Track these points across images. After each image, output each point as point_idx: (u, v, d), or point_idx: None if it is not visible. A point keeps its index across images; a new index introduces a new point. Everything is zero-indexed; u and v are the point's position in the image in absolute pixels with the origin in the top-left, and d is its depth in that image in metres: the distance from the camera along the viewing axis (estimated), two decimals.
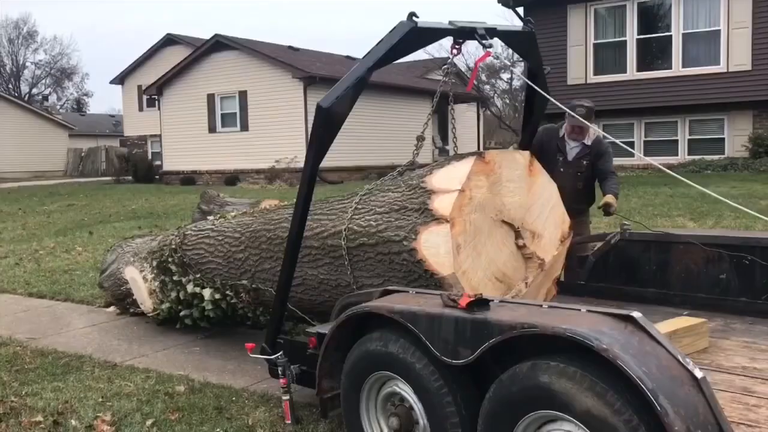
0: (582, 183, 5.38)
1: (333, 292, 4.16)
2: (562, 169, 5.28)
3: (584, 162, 5.35)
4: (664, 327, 3.33)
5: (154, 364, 5.06)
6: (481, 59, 4.11)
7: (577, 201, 5.34)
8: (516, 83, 30.78)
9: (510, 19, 23.69)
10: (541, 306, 2.68)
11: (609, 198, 5.10)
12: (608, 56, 18.21)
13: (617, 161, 5.95)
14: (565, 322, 2.37)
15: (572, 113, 4.95)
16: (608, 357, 2.19)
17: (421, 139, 4.11)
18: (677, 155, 17.45)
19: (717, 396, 2.25)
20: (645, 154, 17.14)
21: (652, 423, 2.14)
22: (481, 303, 2.69)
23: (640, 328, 2.34)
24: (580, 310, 2.52)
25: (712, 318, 3.91)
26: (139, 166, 28.43)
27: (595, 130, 5.38)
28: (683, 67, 17.00)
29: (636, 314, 2.36)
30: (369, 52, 3.58)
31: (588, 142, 5.32)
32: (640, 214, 10.15)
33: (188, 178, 24.76)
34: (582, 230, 5.50)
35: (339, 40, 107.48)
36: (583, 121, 5.04)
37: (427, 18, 3.64)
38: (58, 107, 58.58)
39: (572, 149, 5.37)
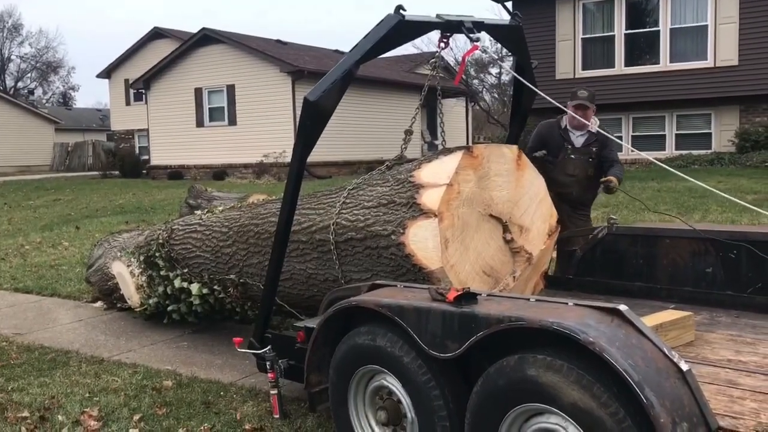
0: (592, 170, 5.32)
1: (321, 286, 4.15)
2: (573, 156, 5.27)
3: (593, 149, 5.30)
4: (650, 320, 3.35)
5: (142, 359, 5.04)
6: (469, 53, 4.11)
7: (587, 189, 5.36)
8: (505, 78, 30.81)
9: (499, 14, 23.74)
10: (528, 300, 2.69)
11: (611, 177, 5.07)
12: (596, 51, 18.25)
13: None
14: (552, 316, 2.38)
15: (563, 107, 4.86)
16: (594, 350, 2.20)
17: (409, 133, 4.11)
18: (665, 150, 17.53)
19: (702, 388, 2.27)
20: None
21: (638, 415, 2.15)
22: (468, 297, 2.69)
23: (626, 322, 2.35)
24: (567, 303, 2.53)
25: (698, 311, 3.93)
26: (126, 161, 28.25)
27: (594, 120, 5.31)
28: (671, 62, 17.06)
29: (622, 307, 2.37)
30: (356, 46, 3.58)
31: (593, 129, 5.25)
32: (628, 209, 10.20)
33: (176, 173, 24.62)
34: (585, 224, 5.44)
35: (327, 34, 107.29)
36: (580, 118, 5.02)
37: (415, 11, 3.63)
38: (44, 101, 58.14)
39: (578, 137, 5.33)
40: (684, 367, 2.23)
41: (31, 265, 8.89)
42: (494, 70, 31.04)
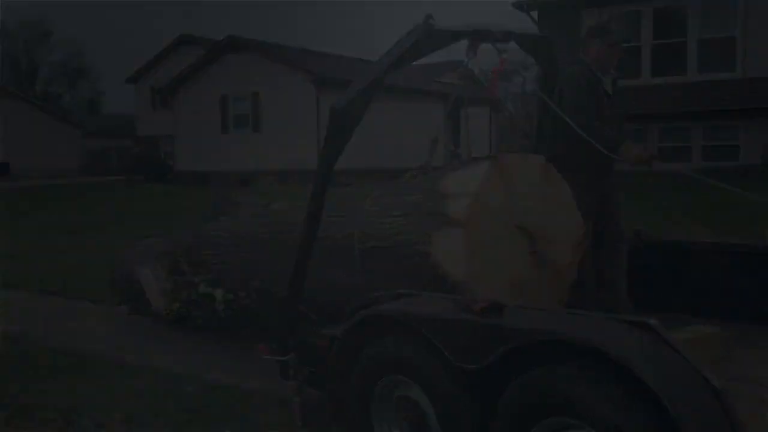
0: (622, 122, 4.50)
1: (345, 294, 4.13)
2: (608, 112, 4.25)
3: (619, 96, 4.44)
4: (680, 335, 3.29)
5: (165, 363, 5.05)
6: (499, 68, 4.04)
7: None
8: (529, 87, 30.65)
9: (523, 23, 23.62)
10: (556, 312, 2.65)
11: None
12: (622, 61, 18.04)
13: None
14: (581, 329, 2.35)
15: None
16: (625, 364, 2.16)
17: (434, 142, 4.10)
18: (691, 162, 17.31)
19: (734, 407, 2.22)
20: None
21: None
22: (495, 308, 2.67)
23: (657, 336, 2.31)
24: (596, 316, 2.50)
25: (729, 326, 3.86)
26: (151, 166, 28.52)
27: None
28: (699, 73, 16.88)
29: (653, 322, 2.33)
30: (385, 55, 3.57)
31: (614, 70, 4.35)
32: (652, 220, 10.07)
33: (200, 179, 24.81)
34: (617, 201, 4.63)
35: (352, 42, 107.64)
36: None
37: (441, 21, 3.62)
38: (72, 107, 58.95)
39: (607, 84, 4.37)
40: (717, 384, 2.18)
41: (57, 268, 8.99)
42: (519, 79, 30.91)
